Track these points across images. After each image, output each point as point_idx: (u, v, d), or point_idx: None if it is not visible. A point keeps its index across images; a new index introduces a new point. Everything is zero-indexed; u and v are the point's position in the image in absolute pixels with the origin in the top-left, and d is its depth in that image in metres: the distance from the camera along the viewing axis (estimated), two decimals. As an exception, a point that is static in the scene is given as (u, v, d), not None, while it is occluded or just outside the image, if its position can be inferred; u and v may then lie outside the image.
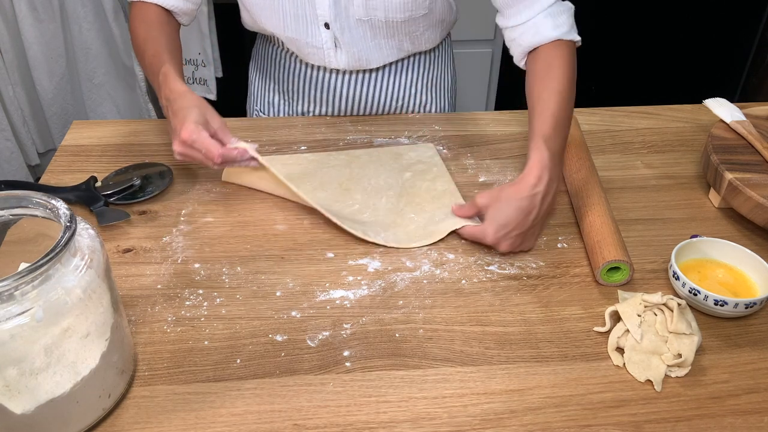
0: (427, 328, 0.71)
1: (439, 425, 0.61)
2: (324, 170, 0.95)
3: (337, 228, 0.84)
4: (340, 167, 0.95)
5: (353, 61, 1.03)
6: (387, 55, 1.05)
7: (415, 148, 1.00)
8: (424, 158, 0.98)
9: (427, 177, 0.94)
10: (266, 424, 0.61)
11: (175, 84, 0.84)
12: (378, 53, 1.03)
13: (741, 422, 0.62)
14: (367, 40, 1.01)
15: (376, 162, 0.97)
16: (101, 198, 0.87)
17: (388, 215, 0.87)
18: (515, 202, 0.77)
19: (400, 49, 1.05)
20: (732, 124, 0.97)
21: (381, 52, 1.04)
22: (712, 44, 2.21)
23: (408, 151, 0.99)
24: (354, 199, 0.90)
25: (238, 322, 0.71)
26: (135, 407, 0.62)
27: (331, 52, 1.01)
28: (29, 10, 1.85)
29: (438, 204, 0.89)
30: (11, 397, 0.53)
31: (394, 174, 0.94)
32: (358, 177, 0.93)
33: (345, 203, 0.89)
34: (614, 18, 2.14)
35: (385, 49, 1.03)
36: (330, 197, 0.90)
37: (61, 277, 0.53)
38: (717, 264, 0.78)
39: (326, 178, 0.93)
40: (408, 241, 0.82)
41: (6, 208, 0.58)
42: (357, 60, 1.03)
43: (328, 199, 0.89)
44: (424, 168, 0.95)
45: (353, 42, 1.00)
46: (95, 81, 2.03)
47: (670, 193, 0.93)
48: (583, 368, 0.67)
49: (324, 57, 1.02)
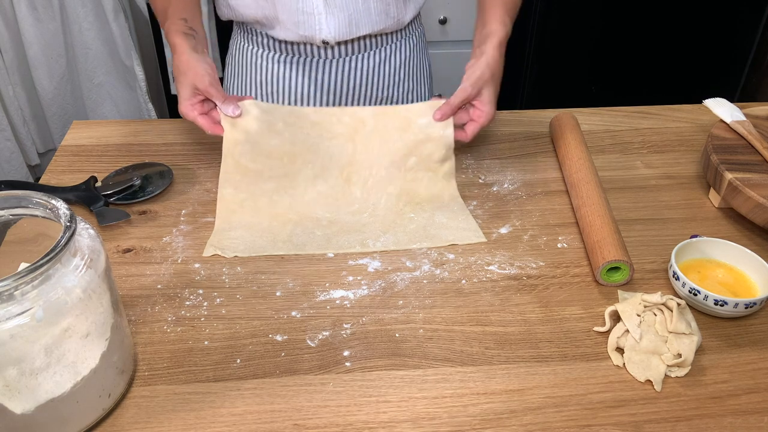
0: (427, 328, 0.71)
1: (438, 425, 0.61)
2: (326, 144, 0.89)
3: (336, 228, 0.84)
4: (343, 141, 0.89)
5: (342, 27, 1.02)
6: (375, 21, 1.04)
7: (426, 114, 0.89)
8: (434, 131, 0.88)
9: (432, 164, 0.88)
10: (266, 424, 0.61)
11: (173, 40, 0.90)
12: (367, 18, 1.03)
13: (741, 422, 0.62)
14: (358, 3, 1.01)
15: (382, 133, 0.89)
16: (101, 198, 0.87)
17: (388, 215, 0.86)
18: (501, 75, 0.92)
19: (387, 14, 1.05)
20: (732, 124, 0.97)
21: (370, 17, 1.03)
22: (712, 44, 2.21)
23: (418, 117, 0.89)
24: (354, 197, 0.88)
25: (238, 322, 0.71)
26: (135, 407, 0.62)
27: (321, 18, 1.01)
28: (29, 10, 1.85)
29: (437, 203, 0.88)
30: (11, 397, 0.53)
31: (399, 159, 0.88)
32: (361, 161, 0.89)
33: (345, 201, 0.87)
34: (614, 18, 2.14)
35: (374, 14, 1.03)
36: (330, 193, 0.87)
37: (61, 277, 0.53)
38: (717, 264, 0.78)
39: (327, 160, 0.88)
40: (408, 242, 0.82)
41: (6, 208, 0.58)
42: (347, 25, 1.02)
43: (328, 197, 0.87)
44: (432, 149, 0.88)
45: (344, 4, 1.00)
46: (95, 81, 2.03)
47: (670, 193, 0.93)
48: (583, 368, 0.67)
49: (314, 23, 1.01)
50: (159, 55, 2.13)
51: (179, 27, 0.91)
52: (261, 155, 0.86)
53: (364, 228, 0.84)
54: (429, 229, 0.84)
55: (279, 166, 0.87)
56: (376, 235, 0.83)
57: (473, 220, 0.86)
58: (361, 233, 0.83)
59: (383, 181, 0.89)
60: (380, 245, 0.81)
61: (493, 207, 0.90)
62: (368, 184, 0.89)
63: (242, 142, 0.85)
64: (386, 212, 0.86)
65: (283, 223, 0.84)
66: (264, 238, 0.82)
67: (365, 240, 0.82)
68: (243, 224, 0.84)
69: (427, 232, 0.83)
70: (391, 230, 0.84)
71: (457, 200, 0.89)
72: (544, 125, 1.09)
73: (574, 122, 1.03)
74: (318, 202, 0.87)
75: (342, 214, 0.86)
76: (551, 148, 1.03)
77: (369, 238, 0.82)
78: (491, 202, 0.91)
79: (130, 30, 1.99)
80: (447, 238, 0.83)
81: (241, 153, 0.85)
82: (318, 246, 0.81)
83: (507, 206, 0.90)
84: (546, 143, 1.05)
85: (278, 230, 0.83)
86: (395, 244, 0.81)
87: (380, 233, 0.83)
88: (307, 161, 0.88)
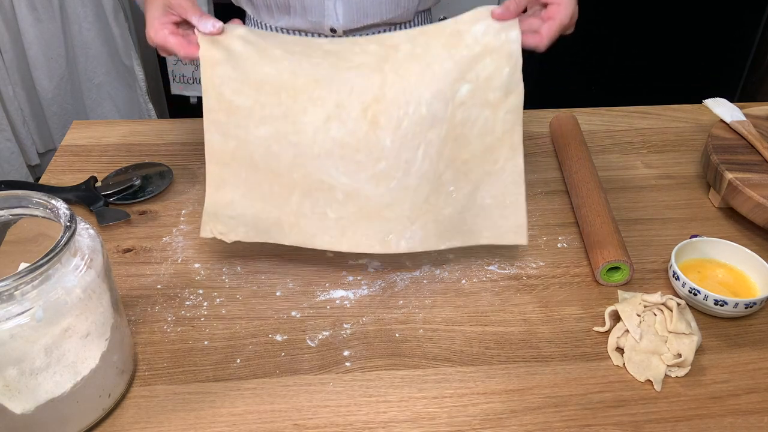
0: (427, 328, 0.71)
1: (438, 425, 0.61)
2: (344, 76, 0.66)
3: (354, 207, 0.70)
4: (368, 71, 0.67)
5: (352, 13, 1.02)
6: (386, 10, 1.04)
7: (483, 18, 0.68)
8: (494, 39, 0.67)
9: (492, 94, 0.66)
10: (266, 424, 0.61)
11: None
12: (377, 6, 1.03)
13: (741, 422, 0.62)
14: None
15: (423, 57, 0.67)
16: (101, 198, 0.87)
17: (422, 185, 0.66)
18: None
19: (397, 4, 1.04)
20: (732, 124, 0.97)
21: (380, 6, 1.03)
22: (712, 44, 2.21)
23: (473, 24, 0.67)
24: (382, 147, 0.65)
25: (238, 322, 0.71)
26: (135, 407, 0.62)
27: (330, 3, 1.01)
28: (29, 10, 1.85)
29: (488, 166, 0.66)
30: (11, 397, 0.53)
31: (447, 87, 0.66)
32: (392, 97, 0.66)
33: (369, 153, 0.65)
34: (614, 18, 2.14)
35: (384, 2, 1.03)
36: (349, 140, 0.65)
37: (61, 277, 0.53)
38: (717, 264, 0.78)
39: (345, 93, 0.66)
40: (437, 240, 0.67)
41: (6, 208, 0.58)
42: (356, 11, 1.02)
43: (345, 146, 0.66)
44: (492, 69, 0.66)
45: None
46: (95, 81, 2.03)
47: (670, 193, 0.93)
48: (583, 368, 0.67)
49: (324, 9, 1.02)
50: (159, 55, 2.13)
51: None
52: (248, 86, 0.67)
53: (389, 211, 0.67)
54: (466, 215, 0.67)
55: (275, 104, 0.66)
56: (402, 224, 0.66)
57: (523, 205, 0.69)
58: (384, 222, 0.66)
59: (423, 122, 0.66)
60: (404, 245, 0.66)
61: (493, 207, 0.90)
62: (402, 128, 0.66)
63: (222, 63, 0.66)
64: (421, 179, 0.66)
65: (288, 188, 0.67)
66: (267, 212, 0.67)
67: (387, 235, 0.66)
68: (239, 186, 0.68)
69: (464, 222, 0.67)
70: (422, 217, 0.66)
71: (516, 162, 0.68)
72: (544, 125, 1.09)
73: (574, 122, 1.03)
74: (332, 156, 0.66)
75: (363, 181, 0.67)
76: (551, 148, 1.03)
77: (392, 230, 0.66)
78: (491, 202, 0.91)
79: (130, 30, 1.99)
80: (483, 234, 0.68)
81: (222, 80, 0.66)
82: (330, 239, 0.67)
83: (507, 206, 0.90)
84: (546, 143, 1.05)
85: (282, 200, 0.67)
86: (422, 242, 0.66)
87: (408, 222, 0.67)
88: (315, 98, 0.66)
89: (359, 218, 0.66)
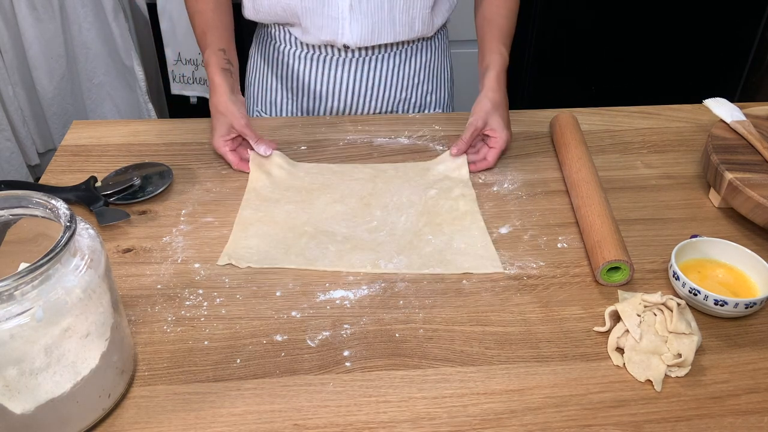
0: (427, 328, 0.71)
1: (438, 425, 0.61)
2: (347, 183, 0.94)
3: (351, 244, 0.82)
4: (364, 181, 0.94)
5: (365, 34, 1.03)
6: (398, 32, 1.05)
7: (444, 161, 0.98)
8: (451, 173, 0.96)
9: (452, 195, 0.91)
10: (266, 424, 0.61)
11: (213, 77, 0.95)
12: (390, 28, 1.04)
13: (741, 422, 0.62)
14: (383, 12, 1.02)
15: (402, 177, 0.95)
16: (101, 198, 0.87)
17: (405, 234, 0.84)
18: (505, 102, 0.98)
19: (411, 27, 1.05)
20: (732, 124, 0.97)
21: (393, 28, 1.04)
22: (712, 44, 2.21)
23: (436, 165, 0.98)
24: (373, 216, 0.88)
25: (238, 322, 0.71)
26: (135, 407, 0.62)
27: (345, 23, 1.01)
28: (29, 10, 1.85)
29: (458, 226, 0.86)
30: (11, 397, 0.53)
31: (419, 190, 0.92)
32: (381, 192, 0.92)
33: (363, 218, 0.87)
34: (614, 18, 2.14)
35: (398, 26, 1.04)
36: (349, 212, 0.88)
37: (61, 277, 0.53)
38: (717, 264, 0.78)
39: (348, 192, 0.92)
40: (421, 266, 0.79)
41: (6, 208, 0.58)
42: (369, 32, 1.03)
43: (346, 214, 0.88)
44: (450, 185, 0.93)
45: (369, 11, 1.01)
46: (95, 81, 2.03)
47: (670, 193, 0.93)
48: (583, 368, 0.67)
49: (337, 28, 1.02)
50: (159, 55, 2.13)
51: (219, 61, 0.96)
52: (279, 189, 0.93)
53: (379, 247, 0.82)
54: (445, 253, 0.81)
55: (296, 196, 0.92)
56: (389, 255, 0.81)
57: (492, 247, 0.82)
58: (375, 252, 0.81)
59: (403, 205, 0.90)
60: (392, 267, 0.79)
61: (493, 207, 0.90)
62: (388, 207, 0.90)
63: (264, 180, 0.93)
64: (405, 232, 0.85)
65: (299, 235, 0.84)
66: (277, 249, 0.81)
67: (377, 260, 0.80)
68: (259, 234, 0.84)
69: (443, 257, 0.81)
70: (406, 251, 0.81)
71: (478, 225, 0.86)
72: (544, 125, 1.09)
73: (574, 122, 1.03)
74: (336, 218, 0.87)
75: (359, 231, 0.85)
76: (551, 148, 1.03)
77: (382, 258, 0.80)
78: (491, 202, 0.91)
79: (130, 30, 1.99)
80: (462, 265, 0.79)
81: (263, 188, 0.92)
82: (329, 263, 0.79)
83: (507, 206, 0.90)
84: (546, 143, 1.05)
85: (293, 242, 0.83)
86: (407, 267, 0.79)
87: (394, 254, 0.81)
88: (326, 192, 0.93)
89: (354, 250, 0.82)
